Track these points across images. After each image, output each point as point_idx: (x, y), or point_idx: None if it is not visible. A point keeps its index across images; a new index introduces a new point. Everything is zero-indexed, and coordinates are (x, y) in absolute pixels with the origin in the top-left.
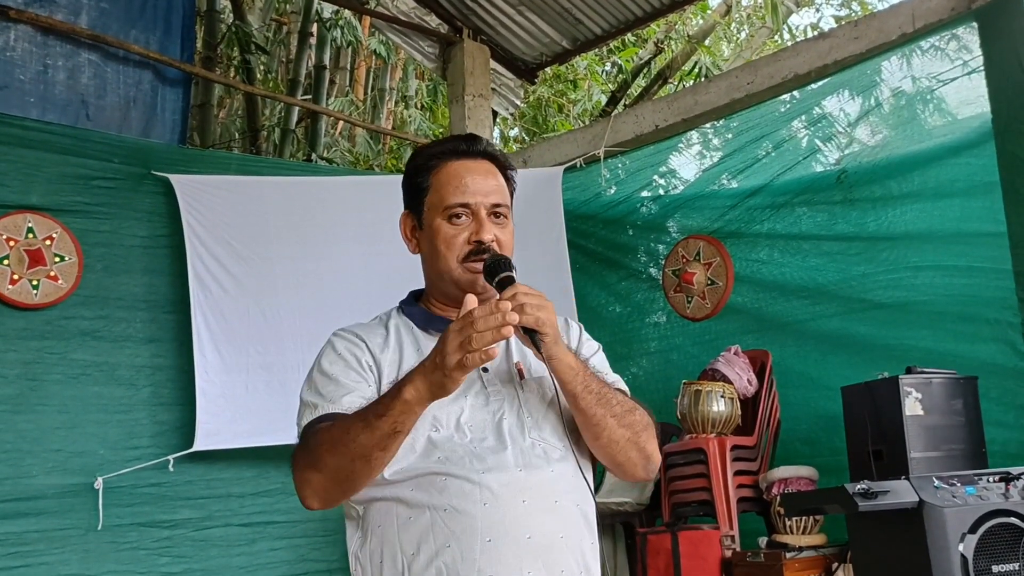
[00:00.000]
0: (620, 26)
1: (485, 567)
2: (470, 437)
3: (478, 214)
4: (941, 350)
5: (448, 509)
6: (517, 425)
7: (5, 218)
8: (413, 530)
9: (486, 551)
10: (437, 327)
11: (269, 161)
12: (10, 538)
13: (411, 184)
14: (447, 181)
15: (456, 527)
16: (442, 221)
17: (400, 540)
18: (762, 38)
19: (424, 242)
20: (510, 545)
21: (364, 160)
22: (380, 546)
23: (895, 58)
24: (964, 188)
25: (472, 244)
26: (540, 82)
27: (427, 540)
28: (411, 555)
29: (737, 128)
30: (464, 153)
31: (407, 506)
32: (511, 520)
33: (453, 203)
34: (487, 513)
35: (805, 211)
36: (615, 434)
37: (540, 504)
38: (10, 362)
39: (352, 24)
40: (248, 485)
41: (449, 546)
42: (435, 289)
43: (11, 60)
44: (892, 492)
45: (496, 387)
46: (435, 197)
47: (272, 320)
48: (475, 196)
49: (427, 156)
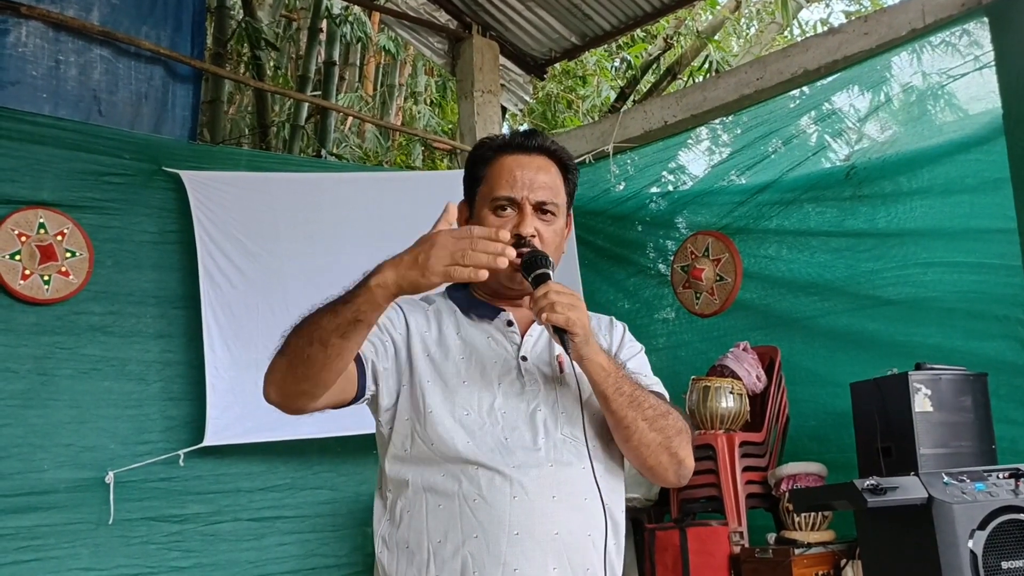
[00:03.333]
0: (629, 22)
1: (510, 560)
2: (502, 425)
3: (523, 208)
4: (950, 346)
5: (477, 500)
6: (551, 419)
7: (17, 214)
8: (442, 518)
9: (512, 544)
10: (480, 312)
11: (279, 157)
12: (21, 532)
13: (468, 175)
14: (498, 174)
15: (484, 518)
16: (489, 212)
17: (428, 527)
18: (772, 34)
19: None
20: (537, 540)
21: (373, 156)
22: (408, 532)
23: (905, 53)
24: (974, 184)
25: (512, 237)
26: (549, 78)
27: (454, 529)
28: (437, 543)
29: (746, 124)
30: (520, 147)
31: (437, 493)
32: (539, 515)
33: (499, 196)
34: (516, 507)
35: (814, 207)
36: (646, 437)
37: (569, 501)
38: (21, 357)
39: (362, 20)
40: (257, 480)
41: (476, 536)
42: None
43: (23, 56)
44: (901, 488)
45: (533, 377)
46: (486, 188)
47: (281, 315)
48: (522, 190)
49: (486, 148)
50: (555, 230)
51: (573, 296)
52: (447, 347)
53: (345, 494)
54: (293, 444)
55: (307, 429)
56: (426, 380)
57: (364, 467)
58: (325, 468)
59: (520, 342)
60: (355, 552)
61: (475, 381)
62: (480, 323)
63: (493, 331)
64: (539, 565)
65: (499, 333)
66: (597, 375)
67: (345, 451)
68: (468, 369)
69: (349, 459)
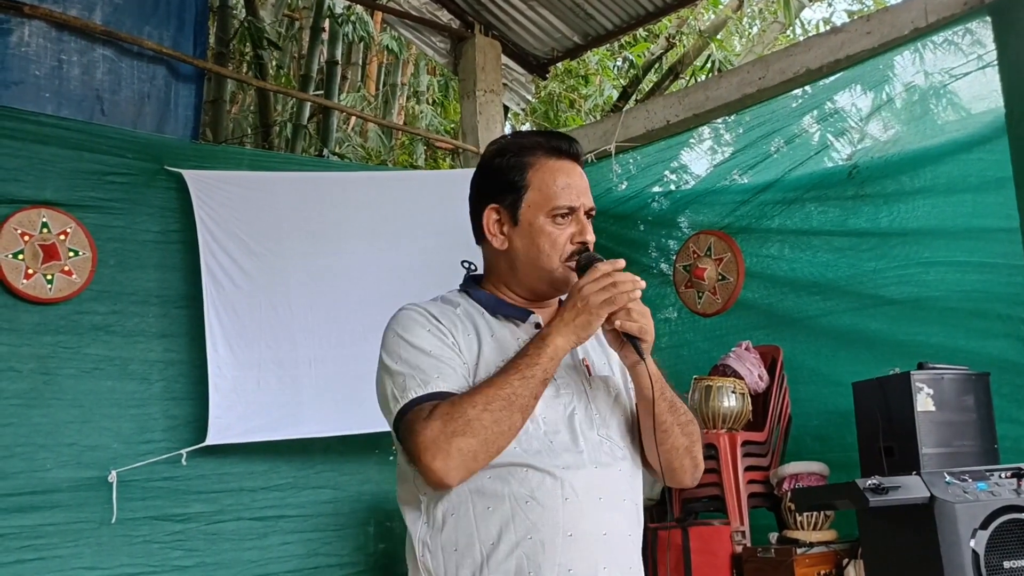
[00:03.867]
0: (631, 21)
1: (565, 561)
2: (544, 429)
3: (579, 215)
4: (953, 346)
5: (530, 501)
6: (587, 421)
7: (20, 213)
8: (493, 520)
9: (567, 545)
10: (507, 313)
11: (281, 156)
12: (24, 531)
13: (503, 179)
14: (551, 181)
15: (537, 519)
16: (546, 220)
17: (478, 529)
18: (774, 33)
19: (520, 238)
20: (588, 541)
21: (376, 155)
22: (455, 535)
23: (907, 53)
24: (976, 183)
25: (576, 244)
26: (551, 77)
27: (508, 530)
28: (491, 545)
29: (748, 123)
30: (564, 153)
31: (484, 495)
32: (589, 516)
33: (561, 205)
34: (568, 508)
35: (816, 207)
36: (677, 441)
37: (612, 502)
38: (24, 356)
39: (364, 19)
40: (260, 479)
41: (530, 537)
42: (516, 282)
43: (26, 55)
44: (903, 488)
45: (564, 380)
46: (538, 196)
47: (284, 315)
48: (578, 199)
49: (520, 151)
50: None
51: (644, 305)
52: (483, 350)
53: (348, 493)
54: (296, 443)
55: (310, 428)
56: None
57: (366, 466)
58: (328, 467)
59: None
60: (357, 551)
61: None
62: (508, 324)
63: (521, 333)
64: (591, 565)
65: (526, 335)
66: (646, 381)
67: (348, 450)
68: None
69: (352, 458)
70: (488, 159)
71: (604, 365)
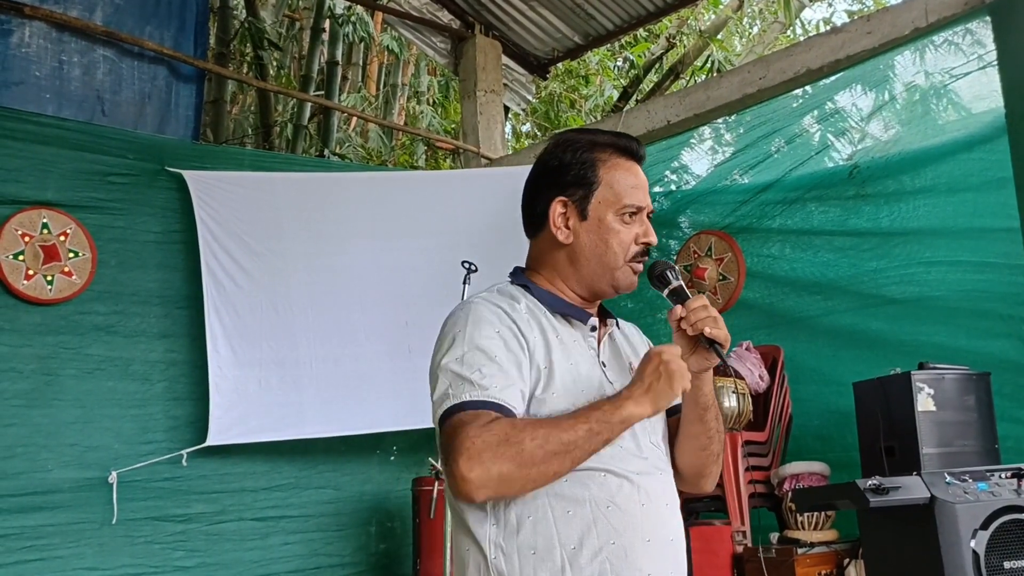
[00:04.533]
0: (632, 21)
1: (645, 566)
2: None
3: (643, 216)
4: (954, 346)
5: (611, 506)
6: (641, 427)
7: (20, 214)
8: (575, 524)
9: (647, 551)
10: (568, 313)
11: (282, 157)
12: (26, 532)
13: (574, 174)
14: (623, 180)
15: (619, 525)
16: (616, 218)
17: (559, 533)
18: (774, 33)
19: (587, 234)
20: (662, 546)
21: (376, 156)
22: (534, 537)
23: (908, 53)
24: (977, 183)
25: (641, 245)
26: (552, 77)
27: (590, 535)
28: (572, 549)
29: (749, 123)
30: (634, 154)
31: (563, 499)
32: (661, 522)
33: (632, 204)
34: (645, 513)
35: (817, 206)
36: (715, 448)
37: (674, 508)
38: (25, 357)
39: (364, 20)
40: (261, 480)
41: (613, 543)
42: (578, 279)
43: (27, 56)
44: (903, 488)
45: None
46: (610, 193)
47: (285, 315)
48: (645, 200)
49: (592, 146)
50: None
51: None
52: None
53: (349, 493)
54: (297, 444)
55: (311, 429)
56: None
57: (368, 466)
58: (329, 467)
59: (597, 348)
60: (359, 551)
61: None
62: (567, 325)
63: (578, 334)
64: (664, 570)
65: (582, 336)
66: (709, 387)
67: (349, 450)
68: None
69: (353, 458)
70: (555, 152)
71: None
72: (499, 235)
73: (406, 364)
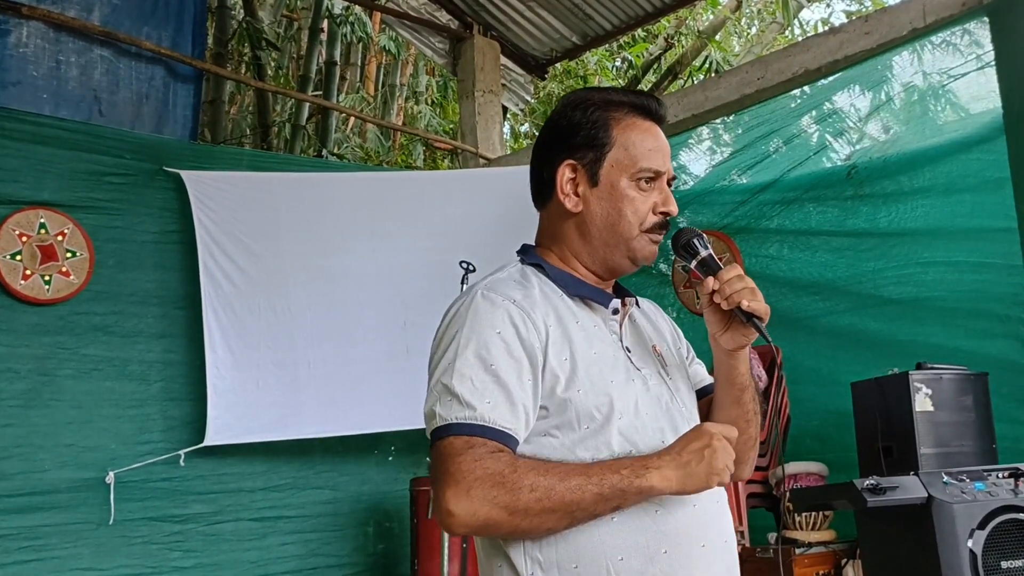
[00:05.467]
0: (630, 21)
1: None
2: (650, 426)
3: (662, 183)
4: (952, 346)
5: (659, 511)
6: (679, 415)
7: (18, 214)
8: (620, 534)
9: (703, 557)
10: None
11: (280, 157)
12: (23, 532)
13: (583, 134)
14: (640, 141)
15: (669, 531)
16: (630, 183)
17: (604, 544)
18: (773, 33)
19: (598, 200)
20: (715, 550)
21: (375, 156)
22: (575, 551)
23: (906, 53)
24: (975, 184)
25: (659, 215)
26: (550, 78)
27: (638, 543)
28: (619, 560)
29: (747, 124)
30: (652, 114)
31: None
32: (713, 523)
33: (648, 167)
34: (696, 516)
35: (815, 207)
36: (752, 431)
37: (723, 505)
38: (23, 357)
39: (363, 20)
40: (259, 480)
41: (665, 552)
42: (590, 253)
43: (24, 56)
44: (901, 488)
45: (648, 370)
46: (623, 155)
47: (282, 316)
48: (665, 164)
49: (606, 105)
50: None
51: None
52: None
53: (347, 494)
54: (295, 444)
55: (309, 429)
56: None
57: (366, 467)
58: (327, 468)
59: (620, 331)
60: (357, 551)
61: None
62: (587, 309)
63: (598, 319)
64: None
65: (603, 320)
66: (746, 367)
67: (347, 451)
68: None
69: (351, 459)
70: (564, 111)
71: (671, 354)
72: (497, 235)
73: (404, 364)
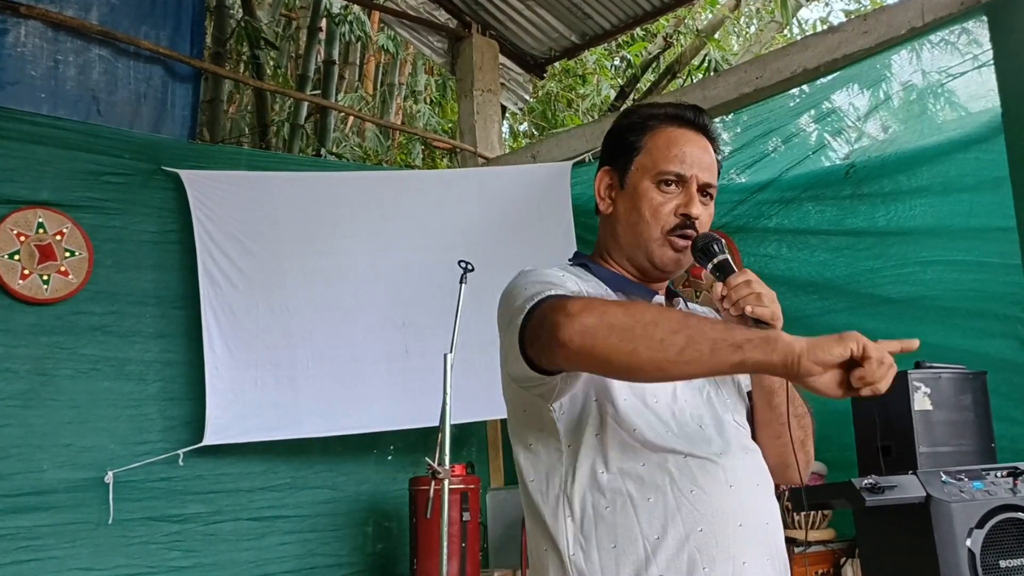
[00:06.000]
0: (629, 21)
1: (738, 553)
2: (689, 412)
3: (689, 187)
4: (950, 345)
5: (695, 491)
6: (721, 406)
7: (16, 213)
8: (656, 512)
9: (738, 536)
10: (629, 291)
11: (278, 156)
12: (21, 532)
13: (620, 141)
14: (665, 145)
15: (706, 510)
16: (651, 185)
17: (640, 523)
18: (771, 32)
19: (623, 203)
20: (754, 530)
21: (374, 155)
22: (612, 531)
23: (904, 52)
24: (974, 183)
25: (679, 217)
26: (549, 77)
27: (674, 523)
28: (655, 539)
29: (746, 123)
30: (688, 122)
31: (643, 485)
32: (751, 504)
33: (668, 170)
34: (733, 496)
35: (814, 206)
36: (794, 434)
37: (765, 488)
38: (20, 357)
39: (361, 19)
40: (257, 480)
41: (701, 530)
42: (621, 253)
43: (22, 56)
44: (899, 487)
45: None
46: (648, 159)
47: (281, 315)
48: (691, 168)
49: (645, 115)
50: (710, 214)
51: (769, 288)
52: None
53: (345, 493)
54: (293, 443)
55: (307, 429)
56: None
57: (364, 466)
58: (325, 467)
59: None
60: (355, 551)
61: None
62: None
63: None
64: (759, 556)
65: None
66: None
67: (346, 450)
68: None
69: (350, 458)
70: (614, 123)
71: None
72: (496, 234)
73: (403, 364)
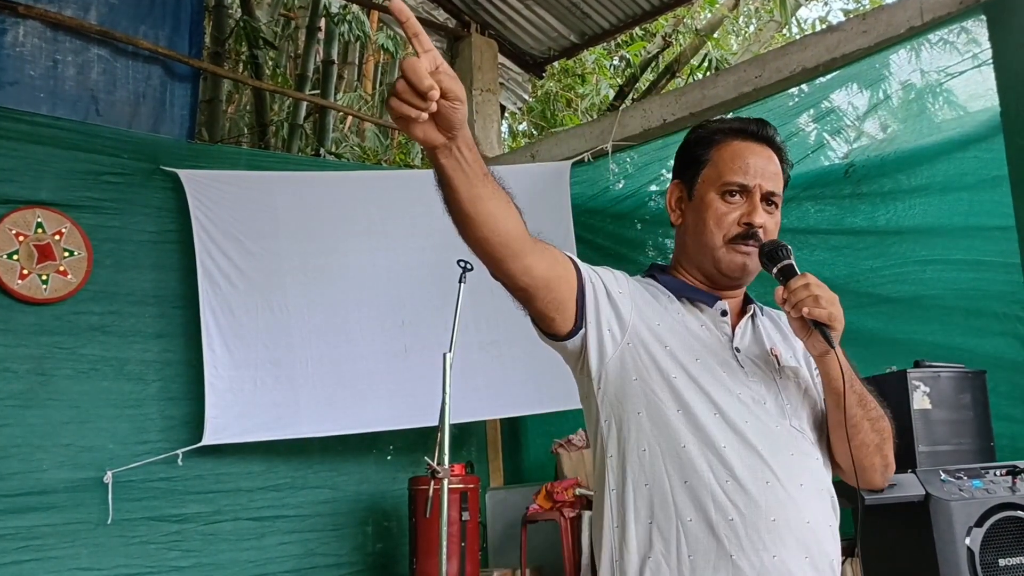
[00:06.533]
0: (628, 20)
1: (770, 546)
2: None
3: (752, 197)
4: (949, 344)
5: (730, 481)
6: (778, 410)
7: (14, 213)
8: (689, 498)
9: (771, 531)
10: (693, 297)
11: (278, 156)
12: (21, 532)
13: (689, 154)
14: (729, 158)
15: (738, 500)
16: (716, 196)
17: (675, 504)
18: (770, 32)
19: (691, 214)
20: (791, 527)
21: (373, 155)
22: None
23: (904, 51)
24: (973, 182)
25: (742, 226)
26: (548, 76)
27: (706, 508)
28: (688, 521)
29: None
30: (752, 135)
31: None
32: (791, 502)
33: (732, 181)
34: (770, 492)
35: (813, 205)
36: (867, 438)
37: (813, 490)
38: (20, 357)
39: (360, 19)
40: (257, 479)
41: (731, 519)
42: (690, 262)
43: (21, 56)
44: (899, 485)
45: (752, 369)
46: (713, 171)
47: (280, 315)
48: (754, 179)
49: (712, 130)
50: (776, 222)
51: (831, 291)
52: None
53: (345, 493)
54: (293, 443)
55: (307, 428)
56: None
57: (364, 466)
58: (325, 467)
59: (732, 333)
60: (355, 551)
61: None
62: (694, 309)
63: (706, 319)
64: (794, 552)
65: (711, 322)
66: (837, 372)
67: (346, 450)
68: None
69: (350, 458)
70: (685, 138)
71: (791, 356)
72: None
73: (402, 363)
